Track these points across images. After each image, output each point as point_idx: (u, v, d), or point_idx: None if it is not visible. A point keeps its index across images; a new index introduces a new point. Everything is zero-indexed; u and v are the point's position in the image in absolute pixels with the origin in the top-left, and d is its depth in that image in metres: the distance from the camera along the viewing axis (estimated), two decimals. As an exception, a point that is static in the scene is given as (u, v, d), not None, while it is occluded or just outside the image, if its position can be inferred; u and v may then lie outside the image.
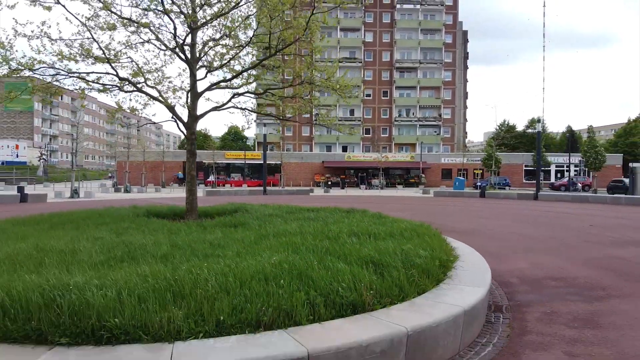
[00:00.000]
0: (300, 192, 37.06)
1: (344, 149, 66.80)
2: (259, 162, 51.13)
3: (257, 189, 39.74)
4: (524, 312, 5.65)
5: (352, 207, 11.26)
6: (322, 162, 55.42)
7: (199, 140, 73.31)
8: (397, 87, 68.64)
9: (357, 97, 58.78)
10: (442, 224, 13.67)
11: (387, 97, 69.17)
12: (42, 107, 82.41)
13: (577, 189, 39.39)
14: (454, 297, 4.60)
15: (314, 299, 3.93)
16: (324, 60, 58.53)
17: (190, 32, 10.24)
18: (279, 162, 49.79)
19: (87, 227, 8.35)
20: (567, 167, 46.52)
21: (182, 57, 10.51)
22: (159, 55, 12.80)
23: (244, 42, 10.39)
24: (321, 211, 10.32)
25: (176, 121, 10.53)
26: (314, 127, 64.79)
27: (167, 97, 10.78)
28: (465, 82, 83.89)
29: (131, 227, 8.28)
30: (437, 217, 16.82)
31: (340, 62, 65.69)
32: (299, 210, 10.69)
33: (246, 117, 12.18)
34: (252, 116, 12.38)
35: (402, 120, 68.69)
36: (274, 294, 3.88)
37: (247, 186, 46.87)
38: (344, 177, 53.90)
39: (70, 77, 10.62)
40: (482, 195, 31.85)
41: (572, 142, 56.46)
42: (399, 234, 6.79)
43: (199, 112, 10.96)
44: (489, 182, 38.60)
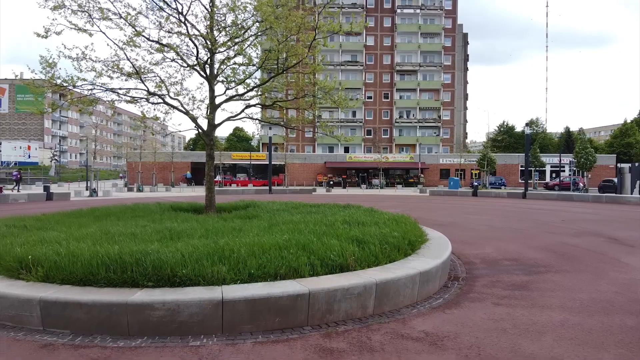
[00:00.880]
0: (303, 191, 38.84)
1: (346, 149, 68.58)
2: (263, 163, 52.96)
3: (263, 188, 41.53)
4: (475, 281, 7.38)
5: (349, 203, 13.02)
6: (325, 162, 57.22)
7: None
8: (397, 90, 70.43)
9: (354, 105, 60.49)
10: (428, 218, 15.45)
11: (387, 99, 70.95)
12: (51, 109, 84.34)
13: (579, 189, 40.77)
14: (415, 264, 6.36)
15: (313, 261, 5.70)
16: (326, 63, 60.30)
17: (210, 55, 12.00)
18: (283, 163, 51.60)
19: (127, 219, 10.07)
20: (562, 167, 48.21)
21: (203, 74, 12.29)
22: (179, 70, 14.63)
23: (255, 63, 12.16)
24: (321, 206, 12.06)
25: (197, 129, 12.32)
26: (316, 129, 66.63)
27: (190, 109, 12.57)
28: (465, 84, 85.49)
29: (164, 218, 10.04)
30: (425, 212, 18.59)
31: (342, 65, 67.50)
32: (303, 205, 12.44)
33: (256, 125, 13.95)
34: (260, 124, 14.15)
35: (402, 121, 70.44)
36: (286, 257, 5.64)
37: (253, 185, 48.66)
38: (346, 177, 55.68)
39: (105, 91, 12.43)
40: (475, 194, 33.63)
41: (568, 143, 58.05)
42: (382, 222, 8.54)
43: (216, 121, 12.74)
44: (482, 182, 40.34)
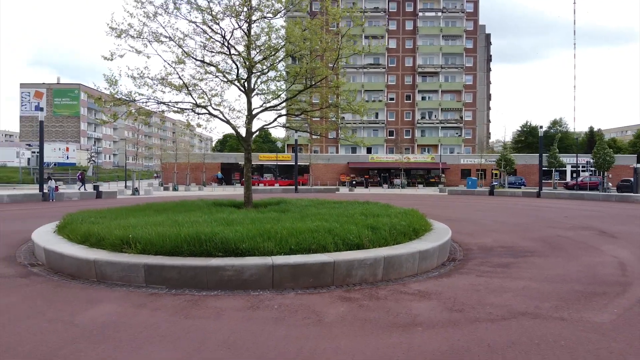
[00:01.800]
0: (327, 190, 40.77)
1: (368, 150, 70.19)
2: (288, 163, 55.15)
3: (289, 187, 43.67)
4: (468, 262, 9.10)
5: (368, 201, 14.84)
6: (347, 163, 59.03)
7: (235, 143, 78.22)
8: (419, 91, 71.69)
9: (375, 107, 61.86)
10: (442, 214, 17.12)
11: (409, 100, 72.26)
12: (87, 112, 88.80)
13: (608, 189, 41.06)
14: (416, 245, 8.17)
15: (337, 241, 7.58)
16: (349, 66, 62.03)
17: (248, 72, 14.01)
18: (308, 163, 53.66)
19: (182, 212, 12.06)
20: (583, 167, 48.71)
21: (242, 89, 14.31)
22: (220, 84, 16.75)
23: (287, 78, 14.13)
24: (343, 203, 13.91)
25: (238, 137, 14.35)
26: (339, 131, 68.47)
27: (229, 118, 14.60)
28: (488, 84, 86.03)
29: (212, 211, 12.03)
30: (440, 209, 20.26)
31: (364, 68, 69.12)
32: (327, 202, 14.31)
33: (286, 131, 15.93)
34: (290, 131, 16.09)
35: (424, 122, 71.66)
36: (316, 238, 7.54)
37: (279, 185, 50.88)
38: (368, 177, 57.37)
39: (158, 103, 14.58)
40: (491, 193, 34.94)
41: (591, 143, 58.20)
42: (393, 214, 10.35)
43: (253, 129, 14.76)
44: (499, 182, 41.52)
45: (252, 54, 14.10)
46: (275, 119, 14.95)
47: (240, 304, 5.88)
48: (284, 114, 14.87)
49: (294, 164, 42.88)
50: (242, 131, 14.68)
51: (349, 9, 12.72)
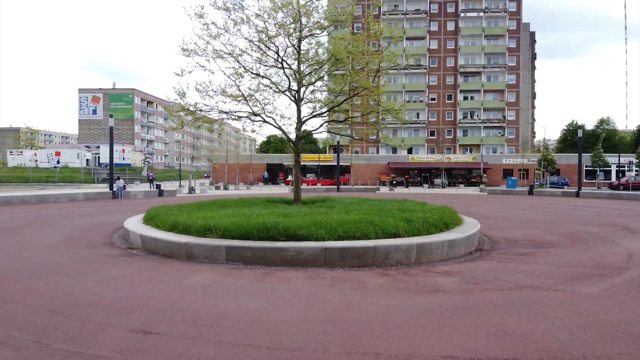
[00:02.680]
0: (367, 189, 42.20)
1: (409, 150, 70.90)
2: (330, 164, 56.92)
3: (331, 187, 45.43)
4: (493, 251, 10.44)
5: (406, 199, 16.29)
6: (388, 163, 60.11)
7: (278, 144, 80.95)
8: (461, 91, 71.66)
9: (418, 109, 62.32)
10: (478, 212, 18.28)
11: (451, 100, 72.36)
12: (140, 115, 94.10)
13: None
14: (445, 236, 9.63)
15: (377, 230, 9.18)
16: (390, 67, 63.26)
17: (298, 84, 15.79)
18: (349, 164, 55.21)
19: (242, 207, 13.94)
20: (630, 167, 47.72)
21: (292, 99, 16.10)
22: (272, 94, 18.69)
23: (333, 88, 15.80)
24: (383, 200, 15.44)
25: (289, 142, 16.16)
26: (380, 133, 69.65)
27: (281, 124, 16.45)
28: (532, 82, 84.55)
29: (268, 206, 13.87)
30: (477, 207, 21.35)
31: (405, 69, 69.86)
32: (368, 200, 15.87)
33: (331, 136, 17.63)
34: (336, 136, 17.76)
35: (466, 122, 71.56)
36: (359, 227, 9.16)
37: (321, 185, 52.75)
38: (408, 176, 58.24)
39: (220, 112, 16.62)
40: (530, 192, 35.29)
41: (638, 142, 56.52)
42: (427, 210, 11.82)
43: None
44: (540, 182, 41.55)
45: (302, 67, 15.89)
46: (321, 125, 16.67)
47: (301, 275, 7.60)
48: (329, 120, 16.54)
49: (335, 164, 44.56)
50: (292, 136, 16.51)
51: (390, 29, 14.18)
